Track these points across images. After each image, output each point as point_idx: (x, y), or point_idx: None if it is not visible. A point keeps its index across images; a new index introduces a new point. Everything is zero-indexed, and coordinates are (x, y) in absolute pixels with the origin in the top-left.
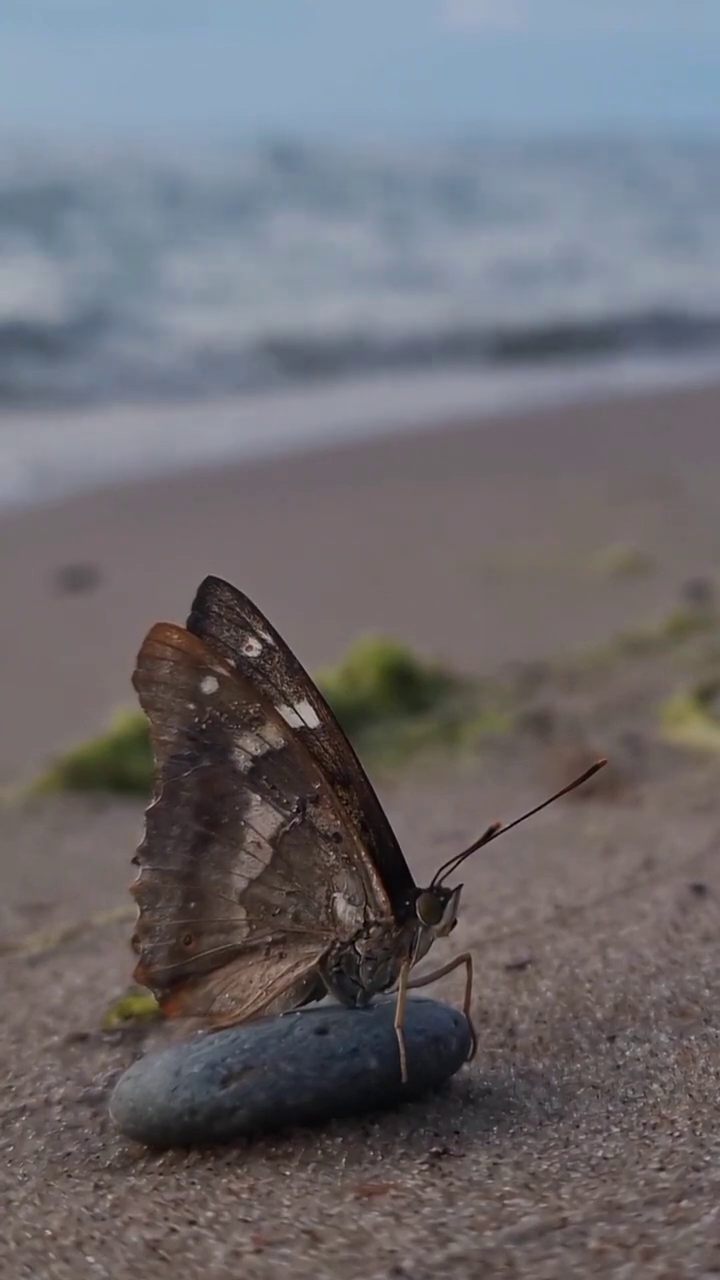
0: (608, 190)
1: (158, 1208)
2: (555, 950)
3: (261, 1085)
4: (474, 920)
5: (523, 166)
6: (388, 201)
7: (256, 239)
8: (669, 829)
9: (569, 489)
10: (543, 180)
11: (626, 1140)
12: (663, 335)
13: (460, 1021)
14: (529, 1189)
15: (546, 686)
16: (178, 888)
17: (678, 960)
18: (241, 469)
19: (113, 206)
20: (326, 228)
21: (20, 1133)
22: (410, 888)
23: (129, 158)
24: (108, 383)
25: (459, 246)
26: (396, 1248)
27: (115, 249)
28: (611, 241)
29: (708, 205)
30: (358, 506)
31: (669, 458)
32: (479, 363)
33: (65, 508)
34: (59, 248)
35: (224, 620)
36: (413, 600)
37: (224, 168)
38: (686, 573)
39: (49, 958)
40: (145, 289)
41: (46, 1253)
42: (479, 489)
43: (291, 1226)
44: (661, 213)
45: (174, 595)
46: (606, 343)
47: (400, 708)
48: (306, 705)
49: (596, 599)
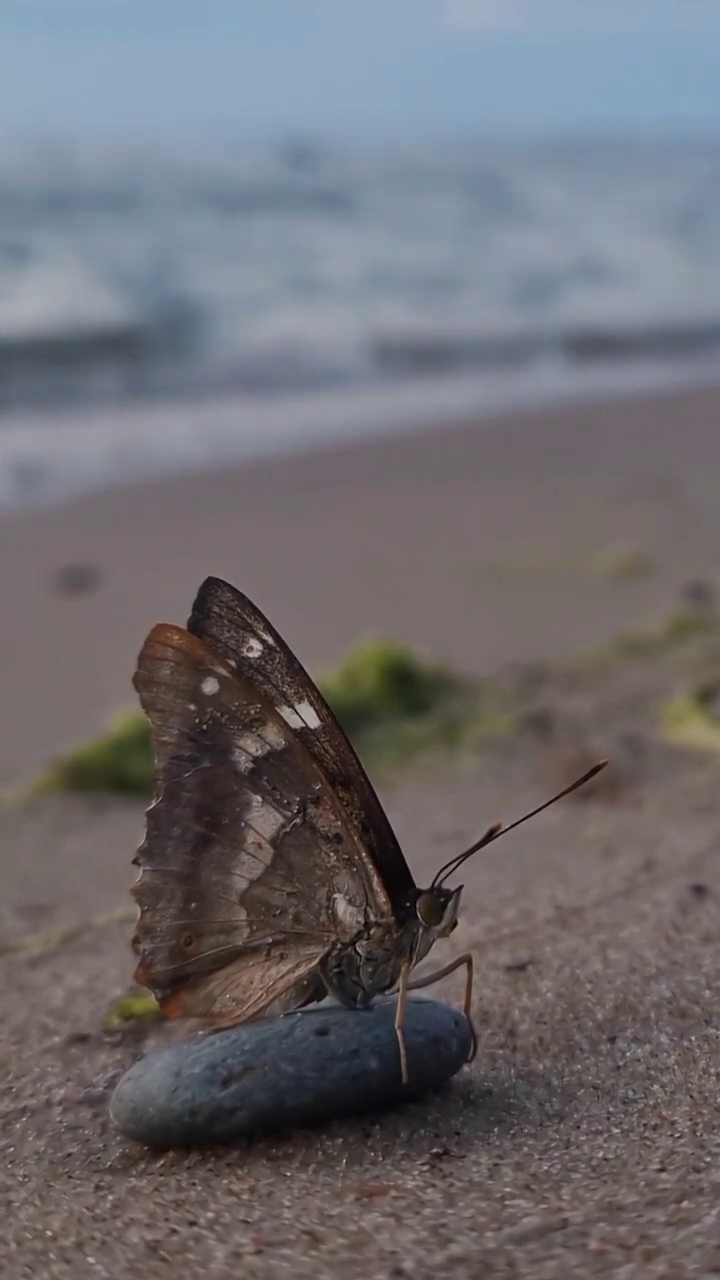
0: (636, 191)
1: (158, 1208)
2: (556, 951)
3: (262, 1086)
4: (474, 921)
5: (538, 167)
6: (417, 200)
7: (293, 238)
8: (669, 830)
9: (569, 489)
10: (560, 181)
11: (627, 1141)
12: (666, 336)
13: (461, 1022)
14: (530, 1190)
15: (547, 687)
16: (178, 888)
17: (678, 961)
18: (241, 469)
19: (153, 206)
20: (364, 228)
21: (21, 1134)
22: (411, 889)
23: (150, 158)
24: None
25: (493, 247)
26: (397, 1248)
27: (165, 248)
28: (643, 245)
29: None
30: (358, 507)
31: (669, 458)
32: (480, 364)
33: (65, 508)
34: (108, 248)
35: (224, 621)
36: (413, 601)
37: (250, 167)
38: (686, 573)
39: (49, 959)
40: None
41: (47, 1253)
42: (479, 489)
43: (292, 1227)
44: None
45: (174, 596)
46: (608, 345)
47: (400, 708)
48: (307, 706)
49: (597, 599)
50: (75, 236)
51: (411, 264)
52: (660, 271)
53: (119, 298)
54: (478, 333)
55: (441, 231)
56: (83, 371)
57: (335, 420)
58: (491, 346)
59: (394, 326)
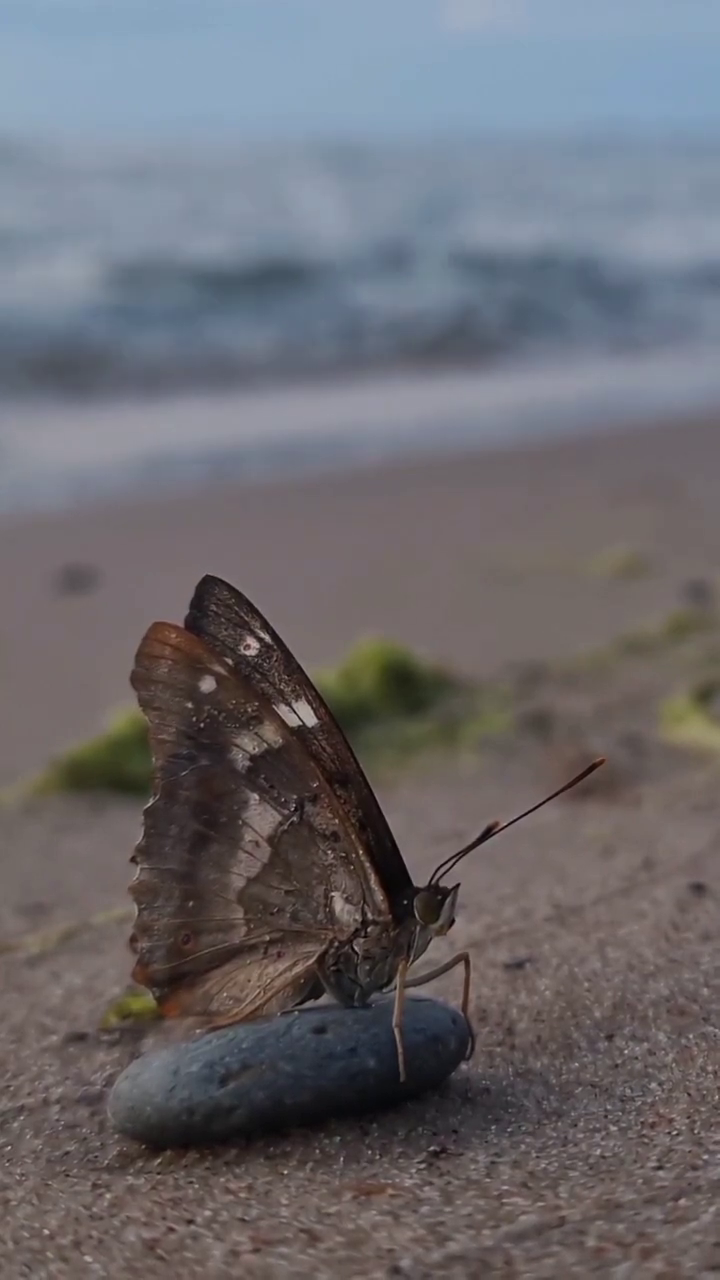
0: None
1: (156, 1207)
2: (554, 949)
3: (260, 1084)
4: (473, 919)
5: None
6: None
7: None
8: (668, 829)
9: (569, 489)
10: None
11: (625, 1139)
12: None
13: (459, 1020)
14: (527, 1188)
15: (546, 687)
16: (176, 887)
17: (676, 959)
18: (241, 469)
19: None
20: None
21: (18, 1132)
22: (408, 886)
23: (182, 156)
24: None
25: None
26: (395, 1246)
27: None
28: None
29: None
30: (357, 507)
31: (669, 459)
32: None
33: (65, 508)
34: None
35: (222, 619)
36: (413, 601)
37: (286, 166)
38: (686, 573)
39: (48, 958)
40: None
41: (44, 1252)
42: (479, 490)
43: (289, 1225)
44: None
45: (173, 595)
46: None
47: (399, 708)
48: (305, 704)
49: (596, 600)
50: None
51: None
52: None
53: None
54: (479, 333)
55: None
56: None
57: (335, 420)
58: (492, 346)
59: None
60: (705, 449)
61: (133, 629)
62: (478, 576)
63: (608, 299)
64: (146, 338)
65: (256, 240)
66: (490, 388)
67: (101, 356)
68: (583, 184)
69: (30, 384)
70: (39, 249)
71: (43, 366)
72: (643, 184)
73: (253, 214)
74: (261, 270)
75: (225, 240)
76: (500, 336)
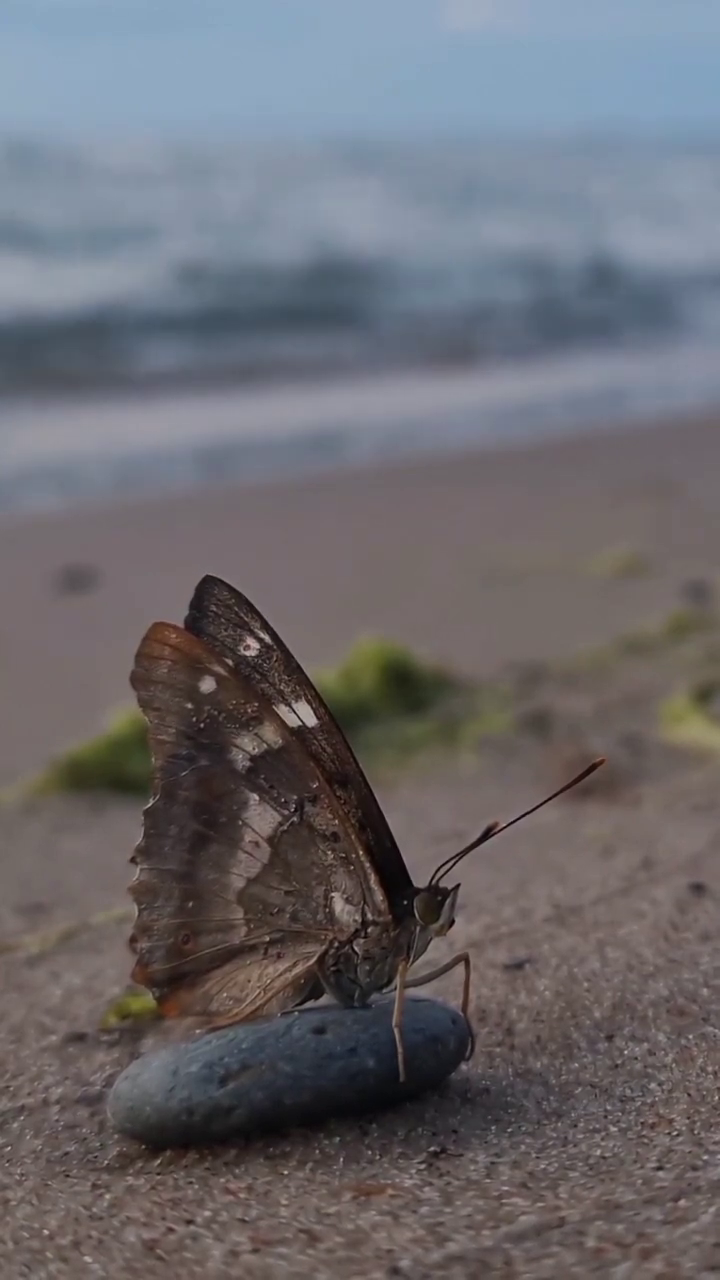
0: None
1: (155, 1207)
2: (554, 949)
3: (259, 1085)
4: (472, 919)
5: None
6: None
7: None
8: (668, 829)
9: (569, 489)
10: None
11: (624, 1139)
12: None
13: (458, 1020)
14: (527, 1188)
15: (546, 687)
16: (175, 887)
17: (676, 959)
18: (240, 470)
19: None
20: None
21: (18, 1132)
22: (408, 887)
23: (201, 154)
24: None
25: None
26: (394, 1247)
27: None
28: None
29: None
30: (358, 507)
31: (669, 459)
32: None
33: (65, 508)
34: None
35: (222, 619)
36: (412, 600)
37: (306, 163)
38: (686, 573)
39: (47, 958)
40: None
41: (44, 1252)
42: (479, 489)
43: (289, 1226)
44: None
45: (173, 595)
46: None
47: (399, 708)
48: (304, 704)
49: (596, 599)
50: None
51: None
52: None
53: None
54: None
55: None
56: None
57: (335, 420)
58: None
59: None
60: (705, 449)
61: (133, 629)
62: (478, 576)
63: (608, 299)
64: (164, 339)
65: (307, 243)
66: (490, 388)
67: (110, 355)
68: (583, 184)
69: (31, 383)
70: (93, 250)
71: (45, 366)
72: (643, 184)
73: (300, 214)
74: (315, 271)
75: (291, 242)
76: (501, 336)
